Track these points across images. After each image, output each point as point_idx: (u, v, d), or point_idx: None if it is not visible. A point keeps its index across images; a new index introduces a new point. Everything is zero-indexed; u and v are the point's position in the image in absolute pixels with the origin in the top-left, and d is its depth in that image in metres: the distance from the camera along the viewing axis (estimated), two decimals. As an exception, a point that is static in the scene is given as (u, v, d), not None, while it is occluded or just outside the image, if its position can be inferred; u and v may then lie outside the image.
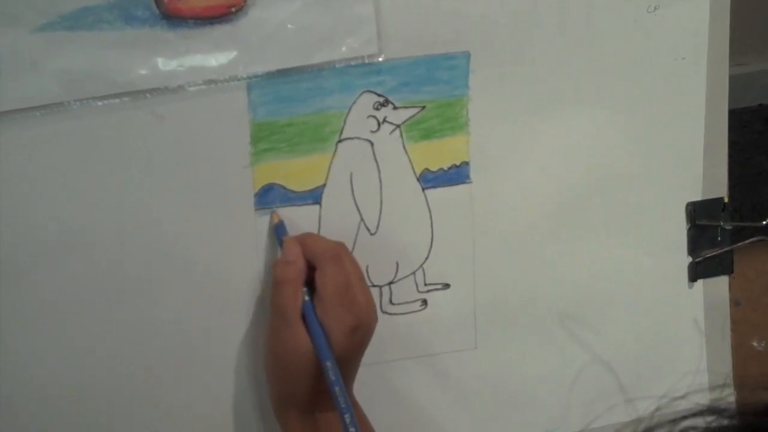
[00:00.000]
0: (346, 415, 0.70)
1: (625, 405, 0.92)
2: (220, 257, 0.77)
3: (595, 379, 0.91)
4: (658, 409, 0.63)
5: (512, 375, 0.88)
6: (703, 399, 0.59)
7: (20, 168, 0.71)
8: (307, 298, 0.74)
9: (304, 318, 0.73)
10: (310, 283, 0.75)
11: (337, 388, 0.71)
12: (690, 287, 0.93)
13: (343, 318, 0.73)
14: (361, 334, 0.75)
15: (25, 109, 0.70)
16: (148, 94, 0.72)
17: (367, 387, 0.79)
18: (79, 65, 0.70)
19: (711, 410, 0.53)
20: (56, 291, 0.74)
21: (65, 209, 0.73)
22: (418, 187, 0.82)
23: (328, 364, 0.72)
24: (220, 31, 0.73)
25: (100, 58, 0.70)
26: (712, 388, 0.93)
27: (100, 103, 0.71)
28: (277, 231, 0.77)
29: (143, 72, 0.72)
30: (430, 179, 0.82)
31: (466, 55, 0.80)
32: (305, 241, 0.76)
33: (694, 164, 0.90)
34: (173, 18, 0.71)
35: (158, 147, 0.74)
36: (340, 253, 0.75)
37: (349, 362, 0.75)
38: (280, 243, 0.77)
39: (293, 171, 0.78)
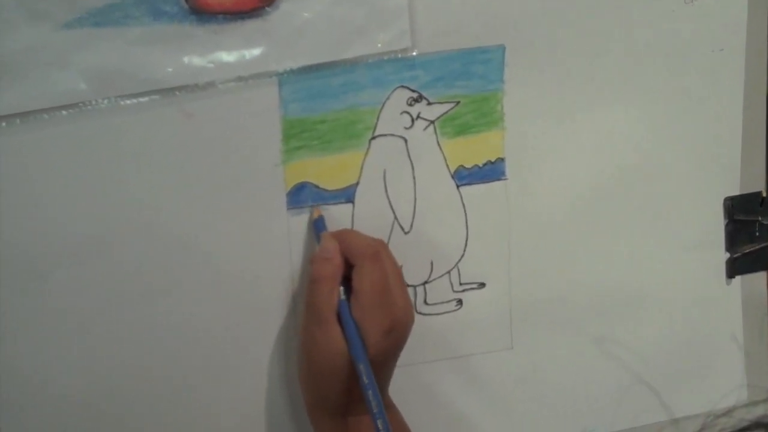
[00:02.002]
0: (379, 420, 0.68)
1: (662, 405, 0.90)
2: (251, 258, 0.75)
3: (631, 378, 0.89)
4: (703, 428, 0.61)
5: (548, 375, 0.86)
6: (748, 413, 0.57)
7: (47, 168, 0.69)
8: (343, 296, 0.72)
9: (339, 317, 0.71)
10: (347, 281, 0.73)
11: (370, 392, 0.69)
12: (728, 284, 0.90)
13: (379, 318, 0.71)
14: (397, 335, 0.73)
15: (52, 108, 0.68)
16: (177, 92, 0.70)
17: (401, 389, 0.77)
18: (107, 62, 0.68)
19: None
20: (85, 294, 0.72)
21: (93, 211, 0.71)
22: (452, 184, 0.80)
23: (362, 366, 0.70)
24: (250, 25, 0.71)
25: (128, 55, 0.68)
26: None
27: (128, 101, 0.69)
28: (316, 226, 0.75)
29: (172, 69, 0.69)
30: (464, 176, 0.80)
31: (501, 49, 0.78)
32: (343, 237, 0.74)
33: (732, 158, 0.88)
34: (202, 13, 0.69)
35: (187, 146, 0.72)
36: (379, 250, 0.73)
37: (384, 364, 0.73)
38: (318, 239, 0.75)
39: (326, 169, 0.76)
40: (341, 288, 0.72)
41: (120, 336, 0.74)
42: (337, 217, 0.77)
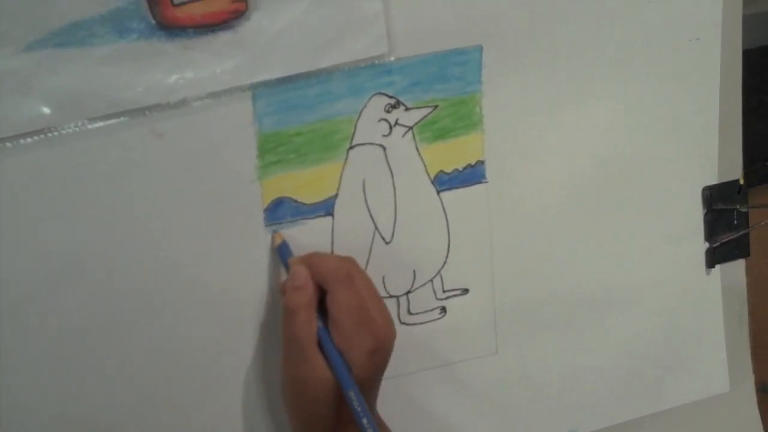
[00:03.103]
0: None
1: (647, 399, 0.90)
2: (230, 278, 0.72)
3: (617, 374, 0.88)
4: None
5: (534, 376, 0.85)
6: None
7: (11, 199, 0.65)
8: (320, 323, 0.69)
9: (320, 345, 0.69)
10: (322, 307, 0.70)
11: (365, 420, 0.67)
12: (707, 273, 0.90)
13: (361, 341, 0.69)
14: (381, 354, 0.70)
15: (14, 136, 0.64)
16: (147, 112, 0.67)
17: (387, 401, 0.75)
18: (72, 85, 0.64)
19: None
20: (59, 318, 0.69)
21: (64, 237, 0.67)
22: (432, 190, 0.77)
23: (352, 394, 0.67)
24: (221, 38, 0.67)
25: (94, 76, 0.64)
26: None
27: (96, 125, 0.65)
28: (281, 252, 0.73)
29: (141, 88, 0.66)
30: (444, 181, 0.77)
31: (479, 49, 0.75)
32: (312, 261, 0.71)
33: (710, 147, 0.87)
34: (171, 28, 0.66)
35: (160, 167, 0.68)
36: (350, 272, 0.70)
37: (371, 384, 0.71)
38: (286, 266, 0.72)
39: (303, 183, 0.73)
40: (317, 315, 0.69)
41: (94, 359, 0.71)
42: (317, 231, 0.74)
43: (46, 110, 0.64)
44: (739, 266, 0.92)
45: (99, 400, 0.72)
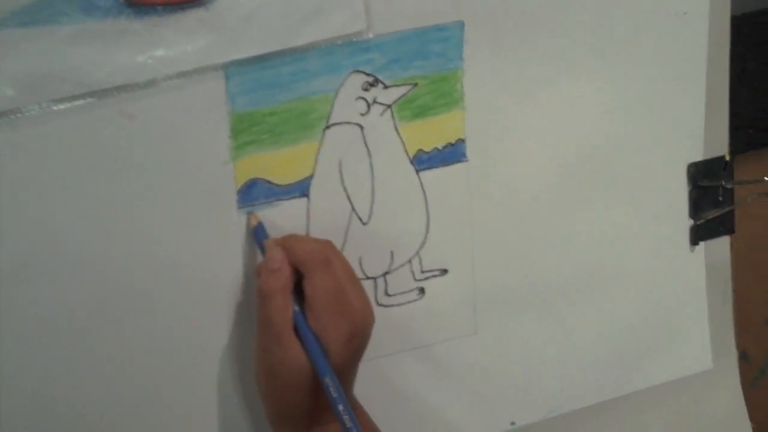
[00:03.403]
0: None
1: (629, 377, 0.89)
2: (203, 262, 0.70)
3: (599, 354, 0.87)
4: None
5: (514, 357, 0.84)
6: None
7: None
8: (296, 308, 0.67)
9: (295, 330, 0.67)
10: (298, 290, 0.68)
11: (341, 407, 0.65)
12: (691, 251, 0.88)
13: (338, 326, 0.67)
14: (359, 340, 0.69)
15: (-24, 119, 0.62)
16: (115, 92, 0.64)
17: (364, 384, 0.73)
18: (37, 65, 0.62)
19: None
20: (29, 306, 0.67)
21: (30, 222, 0.65)
22: (411, 169, 0.75)
23: (328, 380, 0.66)
24: (192, 16, 0.64)
25: (59, 56, 0.62)
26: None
27: (62, 106, 0.63)
28: (257, 234, 0.71)
29: (109, 68, 0.63)
30: (424, 160, 0.76)
31: (460, 25, 0.73)
32: (288, 244, 0.69)
33: (696, 124, 0.85)
34: (139, 5, 0.63)
35: (130, 149, 0.66)
36: (328, 255, 0.69)
37: (348, 370, 0.69)
38: (261, 248, 0.70)
39: (278, 163, 0.71)
40: (293, 299, 0.68)
41: (65, 345, 0.69)
42: (292, 212, 0.72)
43: (10, 91, 0.61)
44: (723, 243, 0.90)
45: (68, 382, 0.70)
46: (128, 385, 0.71)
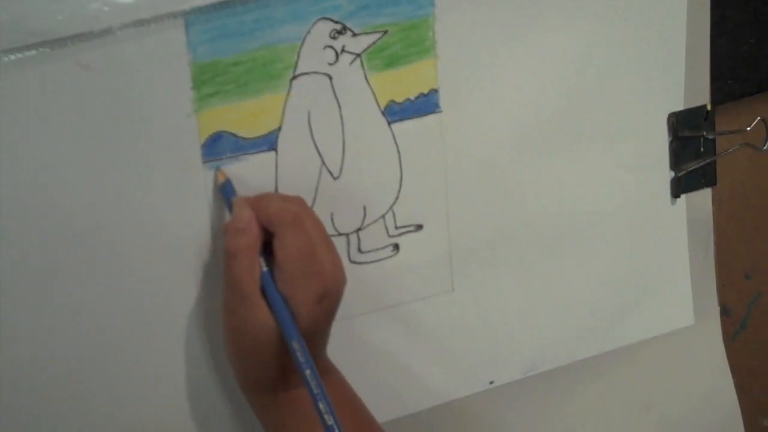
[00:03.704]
0: (321, 403, 0.61)
1: (610, 334, 0.87)
2: (168, 219, 0.68)
3: (578, 311, 0.85)
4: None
5: (492, 314, 0.81)
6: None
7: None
8: (265, 268, 0.65)
9: (263, 291, 0.64)
10: (267, 250, 0.66)
11: (308, 371, 0.62)
12: (672, 203, 0.86)
13: (308, 288, 0.64)
14: (329, 301, 0.66)
15: None
16: (69, 42, 0.61)
17: (338, 345, 0.71)
18: (-16, 13, 0.59)
19: None
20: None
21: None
22: (383, 121, 0.73)
23: (295, 344, 0.63)
24: (149, -40, 0.62)
25: (7, 4, 0.59)
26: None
27: (12, 57, 0.60)
28: (224, 191, 0.68)
29: (61, 16, 0.60)
30: (396, 112, 0.73)
31: (430, -31, 0.70)
32: (258, 203, 0.66)
33: (676, 72, 0.83)
34: (92, -51, 0.60)
35: (86, 102, 0.63)
36: (299, 214, 0.66)
37: (318, 333, 0.67)
38: (229, 206, 0.67)
39: (243, 116, 0.68)
40: (262, 259, 0.65)
41: (23, 316, 0.66)
42: (260, 167, 0.69)
43: (-44, 42, 0.59)
44: (705, 195, 0.88)
45: (30, 335, 0.67)
46: (92, 343, 0.68)
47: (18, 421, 0.68)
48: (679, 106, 0.84)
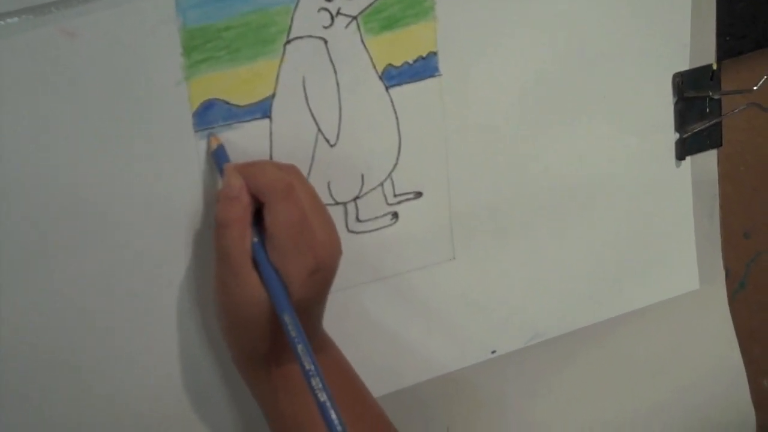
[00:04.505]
0: (313, 379, 0.59)
1: (614, 300, 0.85)
2: (159, 189, 0.65)
3: (581, 277, 0.83)
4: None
5: (494, 282, 0.79)
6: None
7: None
8: (256, 239, 0.63)
9: (255, 263, 0.62)
10: (259, 220, 0.63)
11: (300, 346, 0.60)
12: (677, 166, 0.84)
13: (300, 260, 0.62)
14: (323, 274, 0.64)
15: None
16: (53, 8, 0.59)
17: (336, 316, 0.69)
18: (-38, -21, 0.56)
19: None
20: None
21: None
22: (381, 86, 0.70)
23: (287, 317, 0.61)
24: None
25: (-12, -31, 0.57)
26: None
27: (-6, 24, 0.58)
28: (217, 157, 0.65)
29: (44, -19, 0.58)
30: (394, 76, 0.71)
31: (428, -74, 0.68)
32: (249, 172, 0.64)
33: (681, 31, 0.81)
34: None
35: (72, 70, 0.61)
36: (291, 182, 0.63)
37: (311, 306, 0.65)
38: (221, 172, 0.65)
39: (236, 82, 0.66)
40: (253, 230, 0.63)
41: (16, 289, 0.64)
42: (254, 135, 0.67)
43: (-66, 9, 0.56)
44: (710, 157, 0.86)
45: (21, 316, 0.65)
46: (83, 315, 0.66)
47: (9, 397, 0.66)
48: (685, 66, 0.82)
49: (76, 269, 0.65)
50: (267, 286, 0.62)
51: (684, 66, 0.81)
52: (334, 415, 0.57)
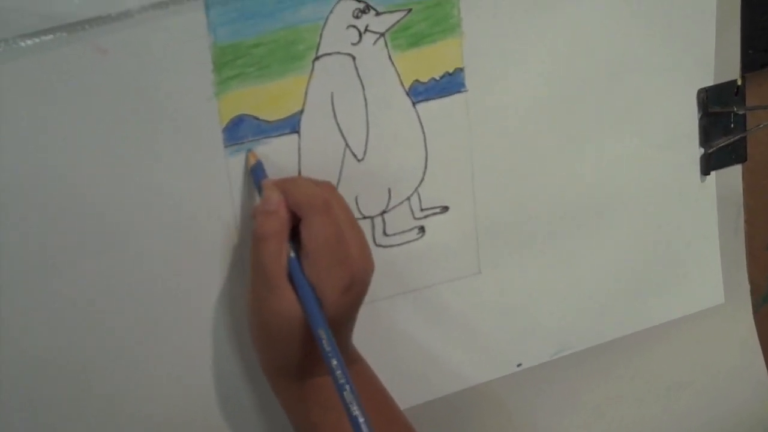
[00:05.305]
0: (346, 394, 0.59)
1: (638, 314, 0.85)
2: (188, 205, 0.66)
3: (607, 291, 0.83)
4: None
5: (519, 296, 0.80)
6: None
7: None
8: (292, 254, 0.63)
9: (290, 278, 0.63)
10: (295, 236, 0.64)
11: (334, 362, 0.60)
12: (702, 181, 0.84)
13: (335, 275, 0.63)
14: (357, 290, 0.64)
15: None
16: (87, 26, 0.59)
17: (363, 329, 0.69)
18: (0, -2, 0.57)
19: None
20: (8, 258, 0.63)
21: (3, 165, 0.61)
22: (408, 102, 0.71)
23: (322, 332, 0.61)
24: (167, -59, 0.60)
25: (24, -13, 0.58)
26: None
27: (29, 42, 0.58)
28: (255, 174, 0.66)
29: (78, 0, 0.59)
30: (420, 92, 0.71)
31: (454, -55, 0.68)
32: (287, 187, 0.65)
33: (706, 47, 0.81)
34: (109, -70, 0.58)
35: (105, 87, 0.61)
36: (328, 200, 0.64)
37: (344, 321, 0.65)
38: (259, 189, 0.66)
39: (265, 98, 0.66)
40: (290, 245, 0.63)
41: (46, 298, 0.65)
42: (282, 150, 0.68)
43: (-29, 27, 0.57)
44: (735, 172, 0.86)
45: (48, 336, 0.66)
46: (114, 332, 0.67)
47: (27, 409, 0.67)
48: (709, 82, 0.82)
49: (105, 286, 0.66)
50: (302, 301, 0.62)
51: (709, 81, 0.82)
52: (366, 430, 0.58)
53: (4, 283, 0.63)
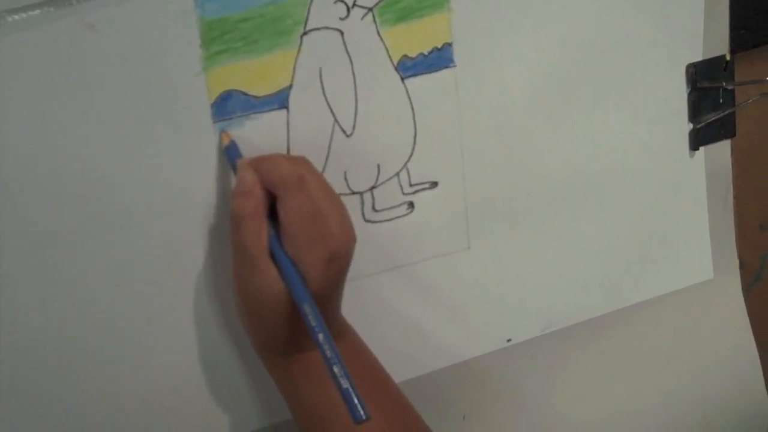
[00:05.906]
0: (335, 367, 0.60)
1: (627, 290, 0.86)
2: (178, 181, 0.66)
3: (596, 266, 0.84)
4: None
5: (509, 271, 0.80)
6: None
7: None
8: (272, 232, 0.63)
9: (272, 255, 0.63)
10: (273, 213, 0.64)
11: (320, 335, 0.61)
12: (691, 156, 0.85)
13: (316, 251, 0.63)
14: (339, 262, 0.64)
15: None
16: (74, 1, 0.60)
17: (352, 305, 0.70)
18: (-15, -27, 0.57)
19: None
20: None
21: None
22: (396, 77, 0.71)
23: (307, 307, 0.62)
24: None
25: (10, -38, 0.57)
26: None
27: (15, 17, 0.59)
28: (229, 154, 0.66)
29: (65, -26, 0.59)
30: (409, 67, 0.71)
31: None
32: (262, 166, 0.64)
33: (694, 22, 0.81)
34: None
35: (92, 62, 0.61)
36: (302, 175, 0.63)
37: (329, 295, 0.65)
38: (234, 168, 0.66)
39: (253, 73, 0.66)
40: (269, 223, 0.64)
41: (36, 278, 0.65)
42: (271, 126, 0.68)
43: (-43, 2, 0.57)
44: (724, 147, 0.87)
45: (36, 308, 0.66)
46: (100, 307, 0.67)
47: (25, 393, 0.67)
48: (698, 57, 0.82)
49: (91, 259, 0.66)
50: (285, 278, 0.62)
51: (697, 57, 0.82)
52: (356, 401, 0.58)
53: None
